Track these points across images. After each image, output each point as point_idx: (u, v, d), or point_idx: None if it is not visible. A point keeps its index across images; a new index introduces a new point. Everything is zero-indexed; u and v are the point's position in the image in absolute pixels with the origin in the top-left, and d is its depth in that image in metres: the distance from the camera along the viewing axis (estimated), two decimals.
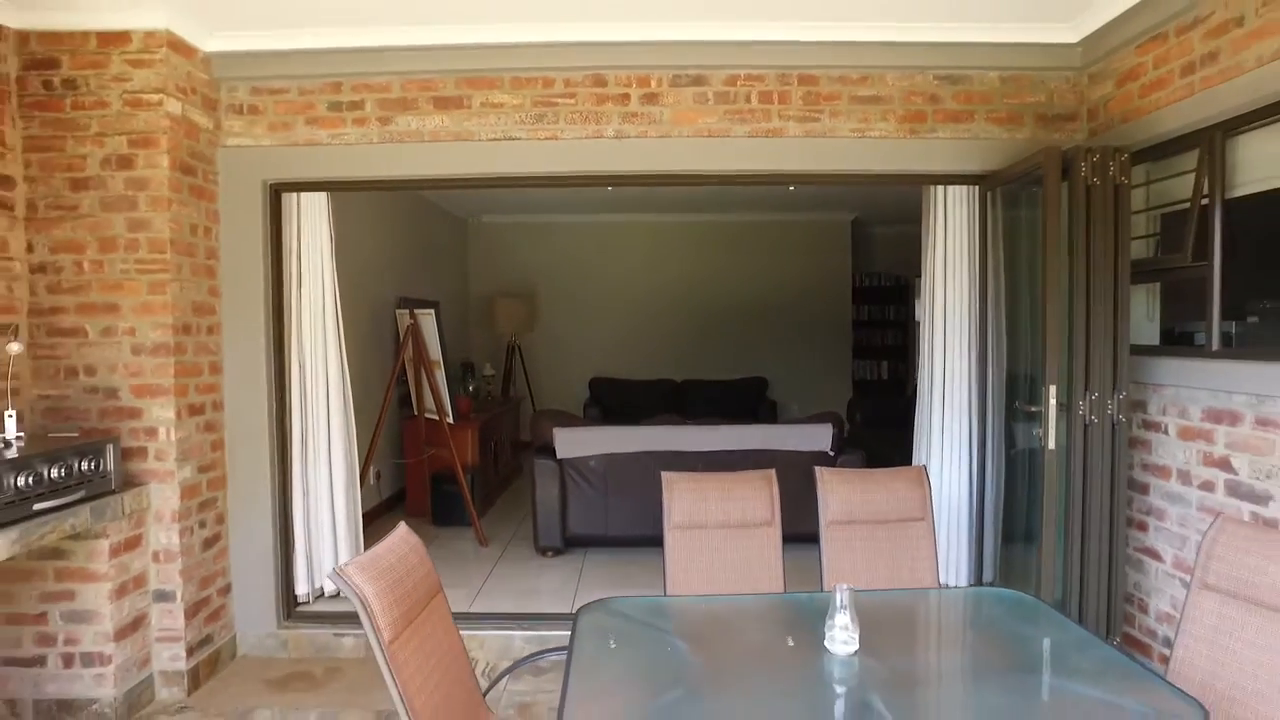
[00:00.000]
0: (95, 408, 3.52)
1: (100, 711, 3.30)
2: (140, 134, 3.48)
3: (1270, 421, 2.80)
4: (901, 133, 3.89)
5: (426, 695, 2.12)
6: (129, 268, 3.51)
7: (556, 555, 5.12)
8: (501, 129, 3.87)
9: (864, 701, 1.96)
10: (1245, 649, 2.18)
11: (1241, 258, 3.11)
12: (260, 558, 4.01)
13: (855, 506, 3.20)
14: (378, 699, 3.53)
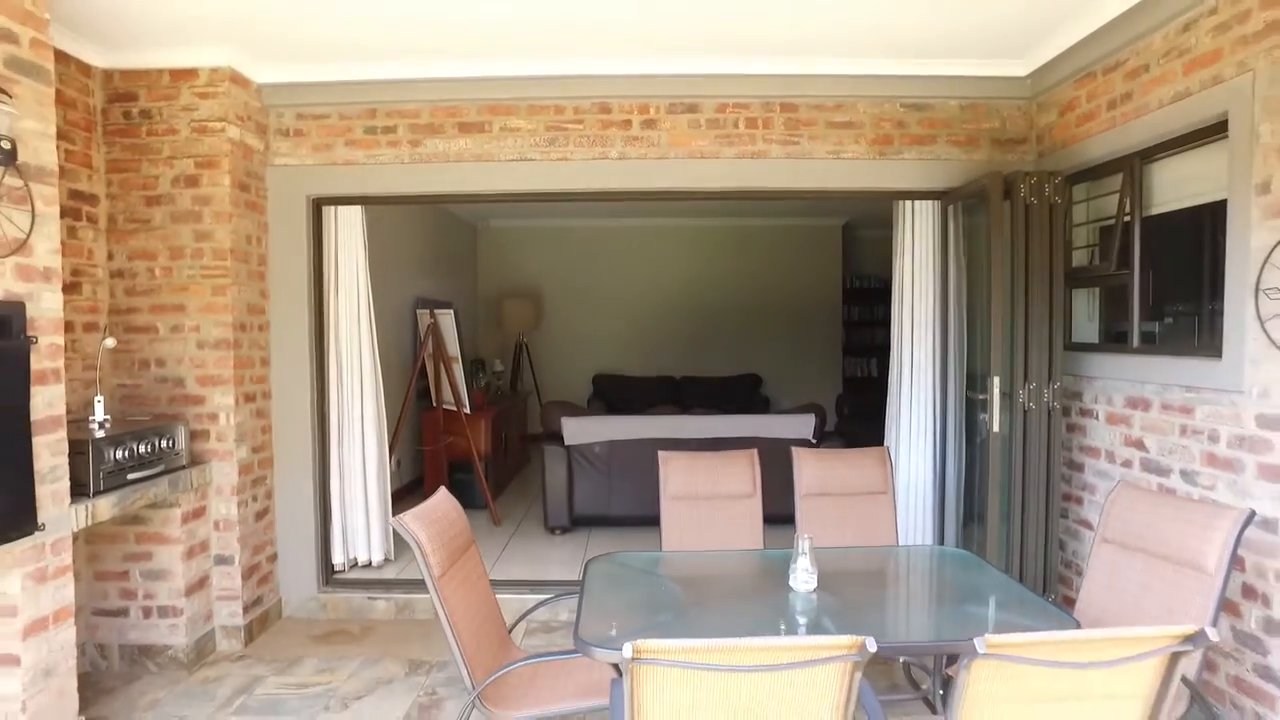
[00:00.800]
0: (165, 395, 4.04)
1: (174, 656, 3.81)
2: (205, 157, 4.00)
3: (1170, 406, 3.30)
4: (872, 154, 4.40)
5: (466, 622, 2.64)
6: (194, 273, 4.02)
7: (564, 533, 5.63)
8: (518, 151, 4.38)
9: (817, 623, 2.47)
10: (1130, 585, 2.69)
11: (1157, 268, 3.62)
12: (303, 529, 4.53)
13: (826, 481, 3.72)
14: (409, 650, 4.05)
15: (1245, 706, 2.91)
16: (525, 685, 2.71)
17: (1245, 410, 2.90)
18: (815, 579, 2.65)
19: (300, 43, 3.97)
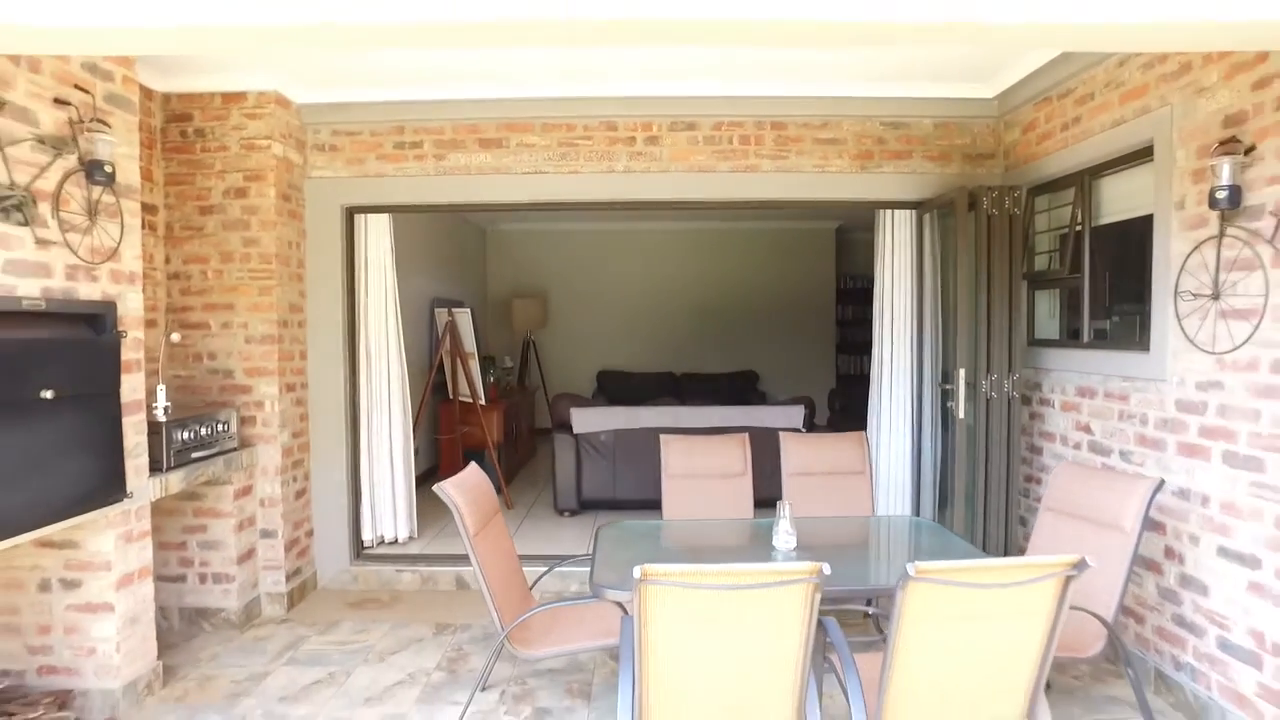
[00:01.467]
0: (215, 385, 4.50)
1: (227, 618, 4.27)
2: (253, 171, 4.45)
3: (1111, 394, 3.76)
4: (854, 168, 4.85)
5: (495, 575, 3.09)
6: (243, 275, 4.48)
7: (573, 515, 6.09)
8: (533, 164, 4.83)
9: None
10: (1066, 545, 3.14)
11: (1104, 272, 4.07)
12: (336, 508, 4.98)
13: (810, 462, 4.18)
14: (435, 615, 4.50)
15: (1164, 651, 3.36)
16: (545, 629, 3.16)
17: (1168, 396, 3.35)
18: (795, 539, 3.10)
19: (337, 70, 4.42)
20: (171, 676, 3.68)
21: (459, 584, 4.94)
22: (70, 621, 3.29)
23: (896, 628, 2.16)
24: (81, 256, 3.07)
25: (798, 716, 2.23)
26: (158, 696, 3.51)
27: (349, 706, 3.44)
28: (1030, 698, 2.27)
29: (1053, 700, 3.32)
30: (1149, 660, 3.47)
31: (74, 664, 3.29)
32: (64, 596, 3.28)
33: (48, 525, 2.87)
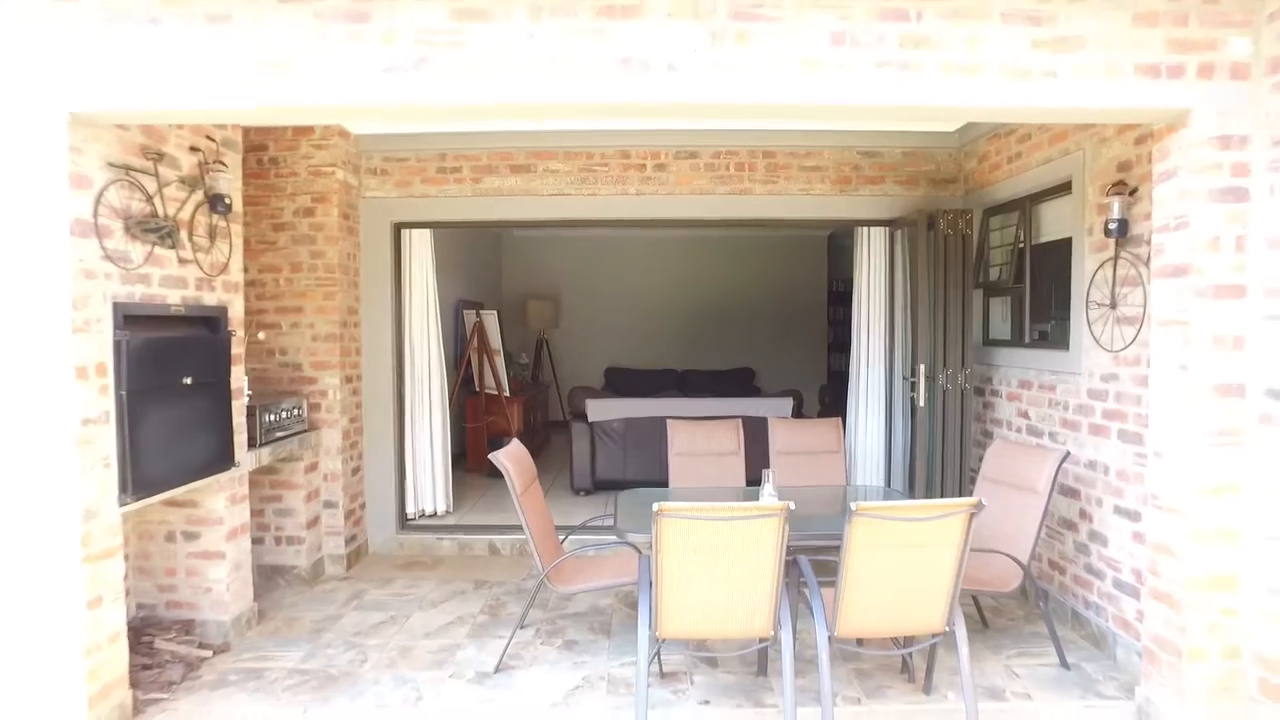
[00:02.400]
0: (286, 377, 5.26)
1: (298, 574, 5.04)
2: (318, 194, 5.21)
3: (1044, 386, 4.52)
4: (834, 191, 5.61)
5: (536, 525, 3.85)
6: (310, 283, 5.24)
7: (587, 494, 6.85)
8: (557, 187, 5.59)
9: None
10: (996, 506, 3.89)
11: (1042, 283, 4.83)
12: (384, 484, 5.74)
13: (793, 442, 4.95)
14: (473, 574, 5.25)
15: (1078, 594, 4.13)
16: (575, 572, 3.93)
17: (1081, 387, 4.11)
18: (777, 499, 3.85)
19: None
20: (263, 617, 4.44)
21: (491, 550, 5.70)
22: (190, 566, 4.05)
23: (846, 553, 2.92)
24: (205, 271, 3.84)
25: (773, 618, 2.99)
26: (256, 630, 4.28)
27: (412, 639, 4.21)
28: (949, 607, 3.03)
29: (989, 636, 4.12)
30: (1068, 602, 4.23)
31: (194, 600, 4.05)
32: (185, 546, 4.05)
33: (188, 483, 3.64)
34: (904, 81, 2.92)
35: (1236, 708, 2.99)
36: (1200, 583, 3.01)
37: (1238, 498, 2.97)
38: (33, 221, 2.92)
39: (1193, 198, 2.99)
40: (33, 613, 3.00)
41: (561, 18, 2.88)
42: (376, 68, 2.89)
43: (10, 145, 2.91)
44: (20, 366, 2.95)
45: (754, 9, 2.87)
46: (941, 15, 2.89)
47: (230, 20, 2.89)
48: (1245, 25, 2.90)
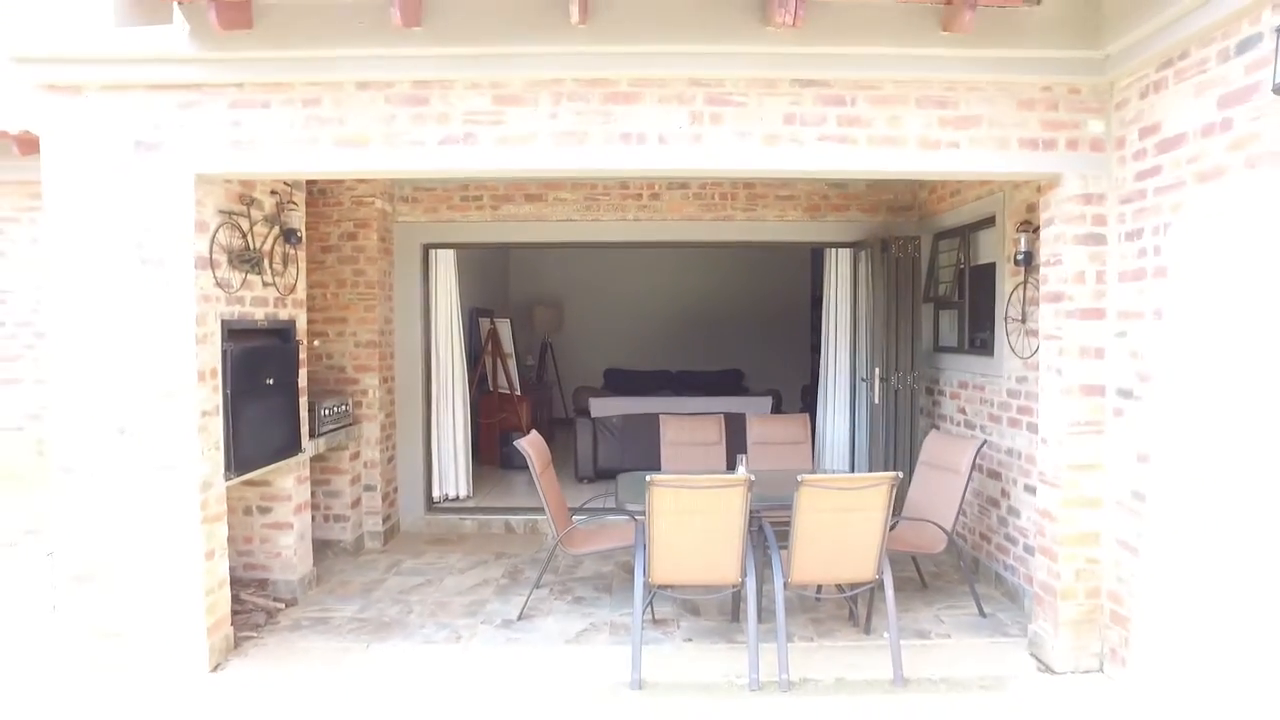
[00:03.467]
0: (332, 378, 6.10)
1: (343, 548, 5.88)
2: (360, 220, 6.06)
3: (977, 386, 5.38)
4: (806, 218, 6.46)
5: (552, 500, 4.71)
6: (353, 297, 6.08)
7: (590, 482, 7.70)
8: (565, 214, 6.44)
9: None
10: (929, 484, 4.77)
11: (977, 299, 5.68)
12: (414, 471, 6.59)
13: (767, 434, 5.80)
14: (493, 548, 6.10)
15: (999, 559, 4.99)
16: (583, 539, 4.79)
17: (1002, 387, 4.97)
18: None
19: None
20: (319, 580, 5.28)
21: (507, 528, 6.56)
22: (264, 535, 4.90)
23: (796, 515, 3.77)
24: (280, 292, 4.69)
25: (740, 567, 3.84)
26: (316, 590, 5.13)
27: (446, 596, 5.06)
28: (879, 559, 3.88)
29: (926, 594, 4.97)
30: (992, 566, 5.10)
31: (267, 563, 4.91)
32: (260, 518, 4.90)
33: (269, 465, 4.50)
34: (842, 151, 3.79)
35: (1094, 633, 3.86)
36: (1071, 539, 3.87)
37: (1098, 473, 3.84)
38: (170, 258, 3.77)
39: (1064, 240, 3.85)
40: (170, 561, 3.85)
41: (577, 103, 3.74)
42: (433, 140, 3.75)
43: (154, 200, 3.76)
44: (160, 370, 3.80)
45: (725, 96, 3.74)
46: (870, 101, 3.76)
47: (320, 104, 3.75)
48: (1100, 111, 3.76)
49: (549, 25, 3.55)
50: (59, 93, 3.76)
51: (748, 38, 3.62)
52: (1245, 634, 2.96)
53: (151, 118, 3.77)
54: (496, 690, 3.80)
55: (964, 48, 3.63)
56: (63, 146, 3.80)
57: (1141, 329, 3.59)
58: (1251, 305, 2.94)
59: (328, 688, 3.81)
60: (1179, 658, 3.34)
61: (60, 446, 3.87)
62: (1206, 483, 3.17)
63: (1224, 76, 3.05)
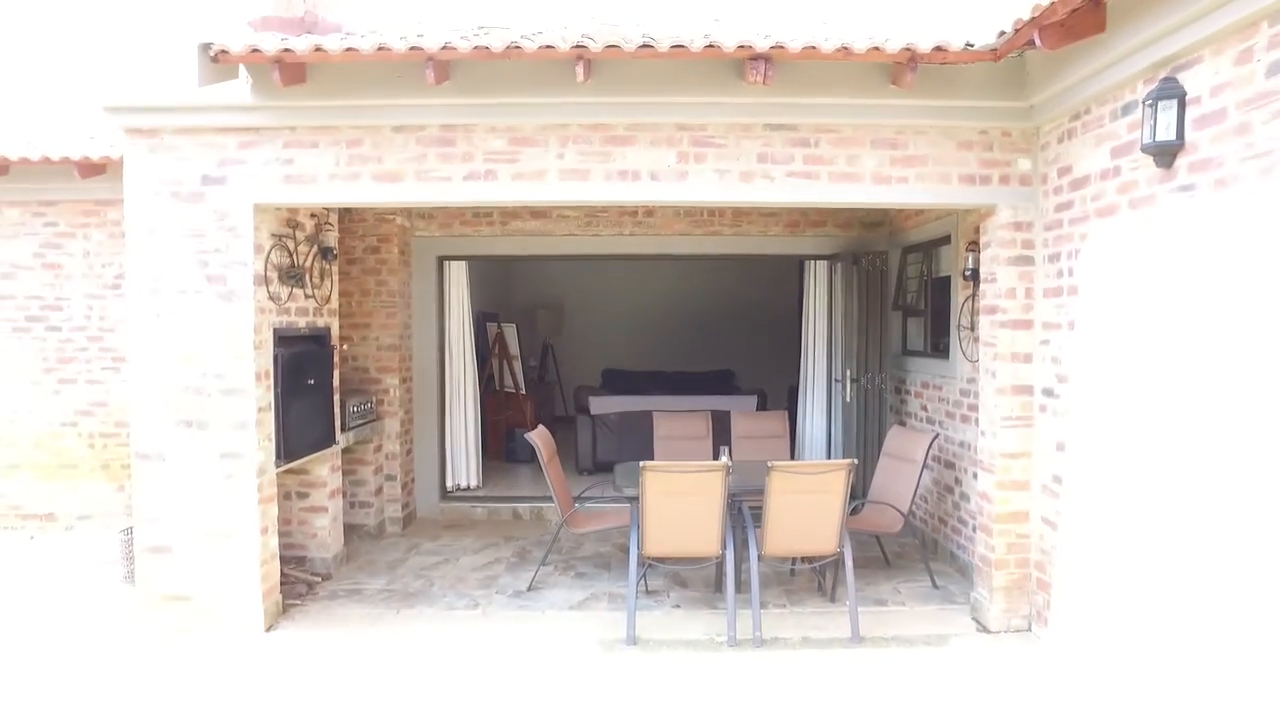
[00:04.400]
0: (357, 378, 6.74)
1: (367, 531, 6.52)
2: (383, 235, 6.70)
3: (936, 386, 6.03)
4: (786, 233, 7.11)
5: (558, 485, 5.35)
6: (376, 305, 6.72)
7: (589, 474, 8.33)
8: (567, 229, 7.08)
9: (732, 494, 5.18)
10: (890, 471, 5.41)
11: (938, 308, 6.33)
12: (430, 463, 7.23)
13: (750, 429, 6.46)
14: (502, 533, 6.74)
15: (953, 539, 5.65)
16: (585, 519, 5.43)
17: (956, 387, 5.62)
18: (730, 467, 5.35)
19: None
20: (349, 559, 5.92)
21: (514, 515, 7.20)
22: (302, 517, 5.54)
23: (767, 496, 4.42)
24: (318, 302, 5.33)
25: (720, 541, 4.48)
26: (347, 566, 5.77)
27: (463, 572, 5.70)
28: (839, 535, 4.52)
29: (888, 570, 5.61)
30: (948, 545, 5.75)
31: (304, 542, 5.54)
32: (298, 502, 5.54)
33: (310, 455, 5.14)
34: (808, 186, 4.43)
35: (1024, 598, 4.51)
36: (1004, 517, 4.52)
37: (1027, 460, 4.49)
38: (232, 275, 4.41)
39: (999, 261, 4.51)
40: (231, 536, 4.50)
41: (581, 144, 4.38)
42: (459, 176, 4.39)
43: (218, 225, 4.40)
44: (223, 371, 4.43)
45: (707, 139, 4.39)
46: (831, 143, 4.40)
47: (361, 144, 4.39)
48: (1028, 151, 4.42)
49: (557, 81, 4.19)
50: (141, 135, 4.40)
51: (727, 90, 4.26)
52: (1140, 594, 3.61)
53: (217, 156, 4.41)
54: (512, 646, 4.44)
55: (911, 98, 4.28)
56: (142, 179, 4.44)
57: (1060, 338, 4.24)
58: (1138, 319, 3.59)
59: (367, 646, 4.45)
60: (1090, 617, 3.98)
61: (138, 437, 4.51)
62: (1109, 467, 3.82)
63: (1114, 132, 3.70)
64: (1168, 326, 3.36)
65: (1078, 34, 3.58)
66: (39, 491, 6.74)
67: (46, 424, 6.74)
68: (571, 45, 3.88)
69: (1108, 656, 3.85)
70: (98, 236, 6.65)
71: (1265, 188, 2.86)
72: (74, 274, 6.68)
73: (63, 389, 6.72)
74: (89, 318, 6.70)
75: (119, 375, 6.68)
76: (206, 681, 3.99)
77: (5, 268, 6.64)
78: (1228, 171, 3.03)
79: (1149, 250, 3.50)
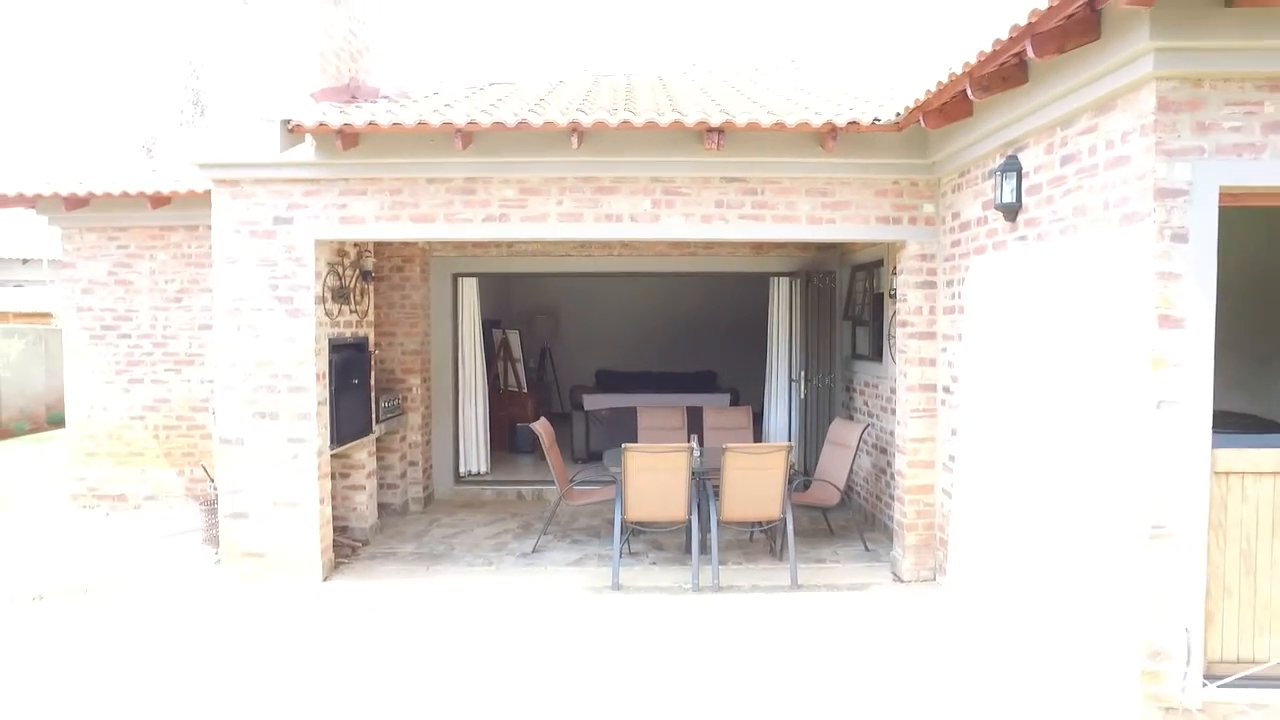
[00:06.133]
0: (386, 379, 7.87)
1: (394, 509, 7.66)
2: (406, 256, 7.83)
3: (875, 385, 7.18)
4: (753, 254, 8.26)
5: (557, 466, 6.50)
6: (400, 316, 7.86)
7: (584, 463, 9.48)
8: (564, 251, 8.22)
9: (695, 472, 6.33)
10: (833, 457, 6.57)
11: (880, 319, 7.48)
12: (445, 451, 8.38)
13: (719, 422, 7.61)
14: (509, 510, 7.88)
15: (885, 512, 6.80)
16: (580, 495, 6.58)
17: (887, 386, 6.77)
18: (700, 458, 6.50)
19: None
20: (381, 529, 7.06)
21: (518, 496, 8.34)
22: (344, 495, 6.68)
23: (724, 472, 5.56)
24: (359, 316, 6.46)
25: (687, 507, 5.63)
26: (380, 536, 6.90)
27: (477, 540, 6.84)
28: (781, 503, 5.67)
29: (830, 539, 6.76)
30: (881, 517, 6.90)
31: (346, 515, 6.68)
32: (341, 481, 6.67)
33: (353, 441, 6.28)
34: (756, 225, 5.57)
35: (930, 554, 5.66)
36: (914, 489, 5.67)
37: (931, 444, 5.64)
38: (297, 296, 5.54)
39: (910, 285, 5.66)
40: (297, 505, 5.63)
41: (575, 193, 5.53)
42: (479, 218, 5.53)
43: (286, 256, 5.54)
44: (291, 372, 5.57)
45: (675, 189, 5.53)
46: (774, 192, 5.55)
47: (401, 192, 5.52)
48: (931, 198, 5.57)
49: (557, 145, 5.33)
50: (225, 185, 5.53)
51: (690, 152, 5.41)
52: (998, 545, 4.77)
53: (285, 201, 5.54)
54: (521, 592, 5.58)
55: (837, 156, 5.42)
56: (226, 220, 5.57)
57: (954, 346, 5.39)
58: (996, 332, 4.74)
59: (405, 591, 5.58)
60: (971, 565, 5.13)
61: (222, 426, 5.64)
62: (981, 447, 4.98)
63: (984, 190, 4.85)
64: (1012, 338, 4.52)
65: (952, 118, 4.74)
66: (112, 476, 7.87)
67: (118, 418, 7.87)
68: (568, 121, 5.02)
69: (983, 593, 5.01)
70: (162, 257, 7.78)
71: (1064, 242, 4.02)
72: (142, 289, 7.79)
73: (132, 388, 7.84)
74: (154, 326, 7.82)
75: (180, 376, 7.83)
76: (283, 615, 5.12)
77: (84, 284, 7.77)
78: (1044, 229, 4.19)
79: (1003, 281, 4.66)
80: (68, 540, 6.82)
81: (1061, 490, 3.99)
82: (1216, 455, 3.43)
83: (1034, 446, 4.26)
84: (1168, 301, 3.31)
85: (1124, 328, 3.49)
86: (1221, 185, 3.28)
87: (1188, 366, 3.33)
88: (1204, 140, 3.28)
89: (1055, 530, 4.03)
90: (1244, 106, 3.26)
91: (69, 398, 7.89)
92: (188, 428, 7.89)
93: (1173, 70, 3.23)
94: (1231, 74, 3.24)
